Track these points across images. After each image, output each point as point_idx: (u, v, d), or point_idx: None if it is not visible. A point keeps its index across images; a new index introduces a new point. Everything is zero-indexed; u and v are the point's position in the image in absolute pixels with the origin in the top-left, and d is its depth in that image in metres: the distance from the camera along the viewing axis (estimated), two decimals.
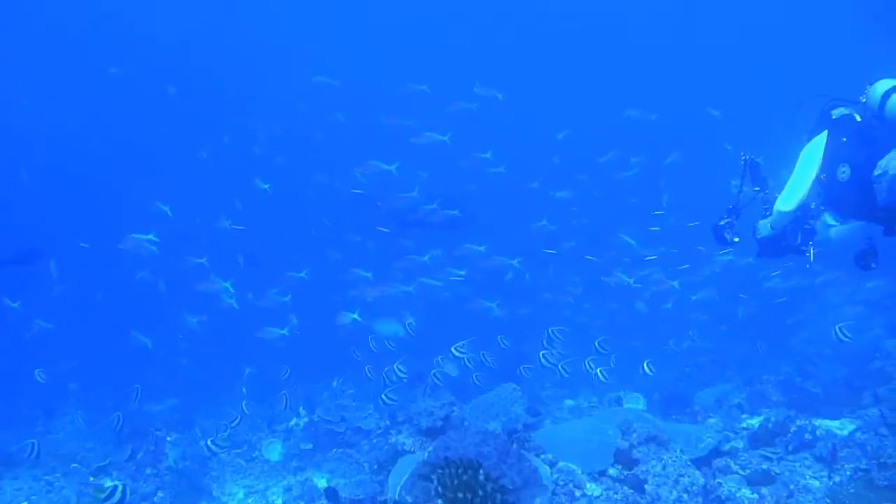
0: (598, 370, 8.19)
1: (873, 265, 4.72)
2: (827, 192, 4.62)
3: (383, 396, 8.48)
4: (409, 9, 25.36)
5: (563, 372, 8.26)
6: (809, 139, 4.73)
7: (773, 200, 4.93)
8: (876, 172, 4.06)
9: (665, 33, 25.45)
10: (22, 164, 17.77)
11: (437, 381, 8.81)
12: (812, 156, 4.64)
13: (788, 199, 4.72)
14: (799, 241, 4.97)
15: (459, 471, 4.08)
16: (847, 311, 11.77)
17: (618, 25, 25.76)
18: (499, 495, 4.01)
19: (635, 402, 9.15)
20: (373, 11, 25.42)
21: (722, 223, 5.21)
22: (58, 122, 20.55)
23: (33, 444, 7.69)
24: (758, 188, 5.14)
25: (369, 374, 9.01)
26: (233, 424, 8.36)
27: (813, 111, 4.78)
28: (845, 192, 4.40)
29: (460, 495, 4.00)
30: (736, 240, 5.22)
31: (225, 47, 24.08)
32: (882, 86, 4.23)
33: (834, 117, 4.58)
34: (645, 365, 8.36)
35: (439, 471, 4.20)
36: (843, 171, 4.36)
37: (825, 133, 4.60)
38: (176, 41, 22.99)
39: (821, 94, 4.74)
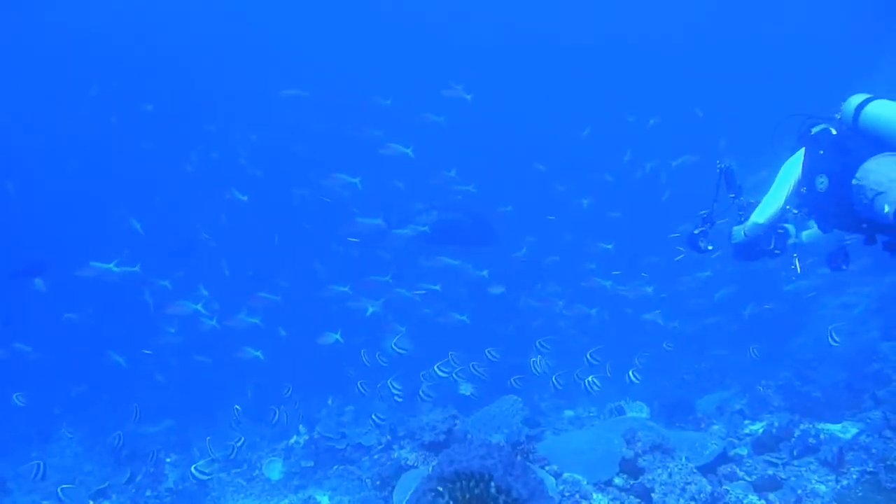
0: (588, 379, 8.14)
1: (844, 267, 4.94)
2: (808, 204, 4.83)
3: (373, 417, 8.43)
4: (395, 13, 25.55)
5: (556, 384, 8.23)
6: (790, 156, 4.98)
7: (748, 206, 5.22)
8: (854, 182, 4.23)
9: (655, 31, 25.68)
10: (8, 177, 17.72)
11: (427, 397, 8.74)
12: (789, 172, 4.92)
13: (762, 212, 5.06)
14: (772, 245, 5.19)
15: (471, 484, 4.03)
16: (843, 314, 11.81)
17: (601, 26, 25.98)
18: None
19: (639, 411, 9.14)
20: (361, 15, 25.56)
21: (696, 231, 5.42)
22: (37, 136, 20.67)
23: (39, 464, 7.56)
24: (733, 195, 5.37)
25: (362, 391, 8.92)
26: (237, 445, 8.26)
27: (790, 130, 5.02)
28: (825, 202, 4.60)
29: None
30: (710, 248, 5.44)
31: (204, 60, 24.11)
32: (855, 100, 4.47)
33: (812, 134, 4.80)
34: (630, 373, 8.33)
35: (449, 485, 4.14)
36: (822, 182, 4.57)
37: (803, 150, 4.85)
38: (152, 54, 23.17)
39: (797, 114, 4.98)
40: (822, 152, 4.66)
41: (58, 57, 22.74)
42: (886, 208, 3.98)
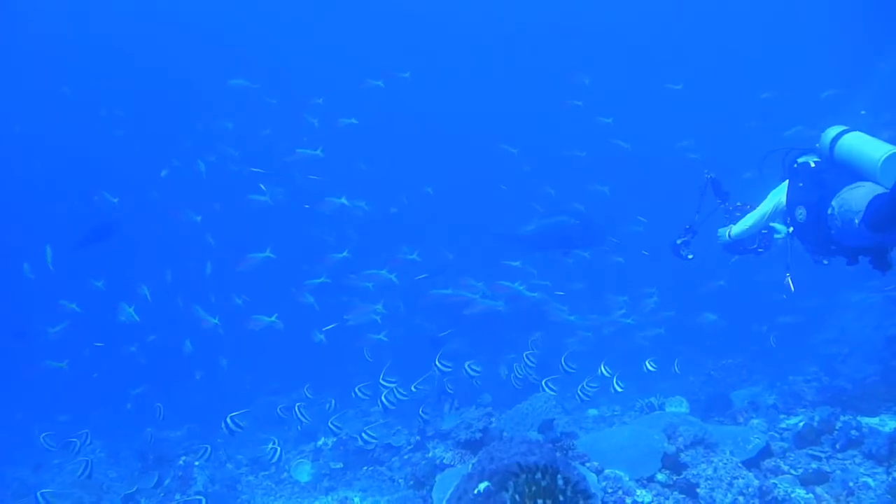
0: (580, 387, 8.05)
1: (825, 261, 5.08)
2: (796, 231, 5.15)
3: (363, 433, 8.31)
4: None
5: (548, 388, 8.18)
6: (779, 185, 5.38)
7: (735, 209, 5.73)
8: (829, 211, 4.56)
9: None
10: None
11: (425, 415, 8.57)
12: (772, 197, 5.37)
13: (741, 225, 5.56)
14: (756, 245, 5.61)
15: (538, 476, 3.93)
16: (867, 308, 11.76)
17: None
18: (580, 498, 3.86)
19: (678, 406, 9.01)
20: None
21: (679, 242, 5.83)
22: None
23: (87, 462, 7.47)
24: (720, 201, 5.84)
25: (361, 395, 8.70)
26: (277, 447, 8.12)
27: (778, 161, 5.42)
28: (806, 230, 4.92)
29: (539, 502, 3.86)
30: (690, 256, 5.85)
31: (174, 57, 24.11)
32: (831, 132, 4.80)
33: (794, 167, 5.17)
34: (614, 382, 8.19)
35: (514, 478, 4.05)
36: (801, 213, 4.93)
37: (787, 182, 5.23)
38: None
39: (781, 147, 5.38)
40: (801, 185, 5.01)
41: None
42: (856, 220, 4.26)
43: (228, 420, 7.78)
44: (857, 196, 4.34)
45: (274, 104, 17.39)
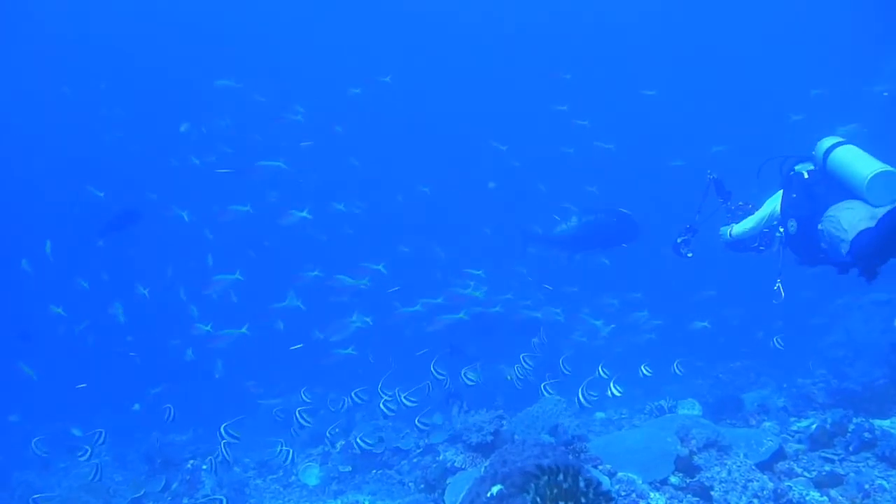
0: (580, 392, 8.01)
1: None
2: (787, 241, 5.29)
3: (358, 440, 8.24)
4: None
5: (546, 392, 8.17)
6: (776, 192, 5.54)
7: (737, 209, 5.92)
8: (819, 226, 4.73)
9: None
10: None
11: (424, 426, 8.48)
12: (768, 204, 5.60)
13: (741, 227, 5.83)
14: (757, 243, 5.77)
15: (559, 478, 3.88)
16: (874, 310, 11.75)
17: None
18: (602, 500, 3.82)
19: (690, 408, 9.00)
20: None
21: (679, 241, 6.03)
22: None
23: (97, 465, 7.44)
24: (722, 200, 6.03)
25: (358, 399, 8.65)
26: (286, 450, 8.05)
27: (775, 168, 5.54)
28: (797, 242, 5.07)
29: None
30: (690, 255, 6.04)
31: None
32: (826, 143, 4.90)
33: (791, 175, 5.30)
34: (611, 385, 8.15)
35: (534, 479, 4.00)
36: (792, 225, 5.08)
37: (781, 191, 5.38)
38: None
39: (777, 156, 5.46)
40: (794, 196, 5.12)
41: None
42: (843, 250, 4.44)
43: (222, 430, 7.69)
44: (847, 220, 4.48)
45: (264, 103, 17.43)
